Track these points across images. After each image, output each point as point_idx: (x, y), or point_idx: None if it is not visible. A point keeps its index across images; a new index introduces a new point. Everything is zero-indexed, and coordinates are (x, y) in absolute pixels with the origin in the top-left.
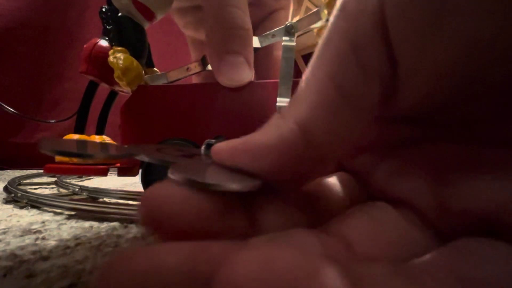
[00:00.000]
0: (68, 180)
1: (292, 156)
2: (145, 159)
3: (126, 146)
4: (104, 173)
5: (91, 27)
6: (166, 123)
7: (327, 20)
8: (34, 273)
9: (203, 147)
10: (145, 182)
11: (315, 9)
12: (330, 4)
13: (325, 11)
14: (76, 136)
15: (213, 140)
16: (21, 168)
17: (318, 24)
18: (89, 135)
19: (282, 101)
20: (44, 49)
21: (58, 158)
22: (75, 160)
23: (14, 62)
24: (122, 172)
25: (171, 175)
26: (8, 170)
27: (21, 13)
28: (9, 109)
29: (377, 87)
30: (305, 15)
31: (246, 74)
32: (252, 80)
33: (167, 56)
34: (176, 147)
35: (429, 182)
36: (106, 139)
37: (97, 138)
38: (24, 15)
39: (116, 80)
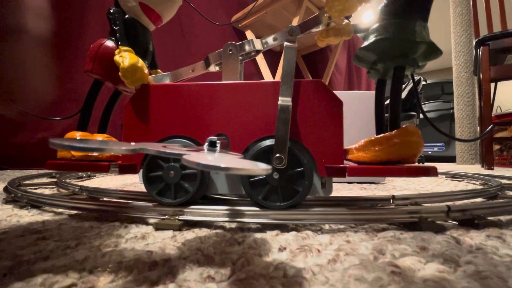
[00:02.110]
0: (68, 180)
1: None
2: (157, 153)
3: (133, 143)
4: (106, 169)
5: (91, 27)
6: (169, 122)
7: (327, 24)
8: (34, 273)
9: (206, 144)
10: (146, 179)
11: (316, 13)
12: (331, 8)
13: (326, 15)
14: (78, 134)
15: (215, 138)
16: (21, 168)
17: (319, 27)
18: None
19: (283, 100)
20: (44, 49)
21: (60, 154)
22: (77, 156)
23: (14, 62)
24: (123, 170)
25: (185, 162)
26: (8, 170)
27: (21, 13)
28: (18, 107)
29: None
30: (307, 19)
31: None
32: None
33: (169, 58)
34: (179, 144)
35: None
36: (109, 138)
37: (99, 137)
38: (24, 15)
39: (121, 78)
